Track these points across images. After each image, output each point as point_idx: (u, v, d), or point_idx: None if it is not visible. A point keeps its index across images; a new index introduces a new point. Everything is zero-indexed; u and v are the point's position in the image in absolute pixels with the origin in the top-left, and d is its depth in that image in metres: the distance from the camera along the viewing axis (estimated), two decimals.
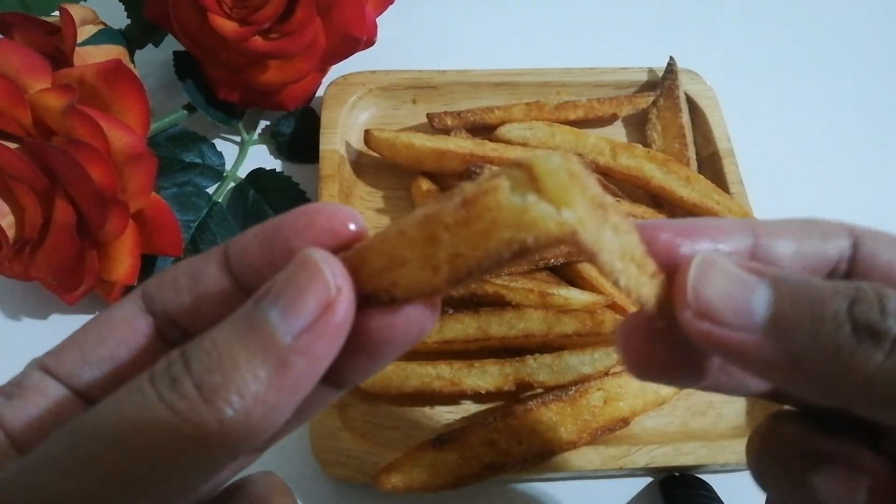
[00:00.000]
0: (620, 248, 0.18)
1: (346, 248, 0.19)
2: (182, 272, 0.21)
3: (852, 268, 0.22)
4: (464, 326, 0.43)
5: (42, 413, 0.19)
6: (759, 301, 0.19)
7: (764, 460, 0.24)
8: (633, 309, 0.41)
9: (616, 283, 0.19)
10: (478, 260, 0.17)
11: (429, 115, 0.52)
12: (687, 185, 0.48)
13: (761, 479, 0.24)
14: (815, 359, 0.19)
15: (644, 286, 0.20)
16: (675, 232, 0.22)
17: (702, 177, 0.49)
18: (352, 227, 0.19)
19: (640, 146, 0.50)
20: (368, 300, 0.19)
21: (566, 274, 0.47)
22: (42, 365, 0.20)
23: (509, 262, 0.17)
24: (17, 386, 0.20)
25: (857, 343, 0.18)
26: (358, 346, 0.19)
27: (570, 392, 0.41)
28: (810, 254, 0.22)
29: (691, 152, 0.52)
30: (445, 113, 0.52)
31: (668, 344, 0.21)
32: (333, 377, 0.19)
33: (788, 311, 0.19)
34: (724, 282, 0.20)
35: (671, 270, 0.21)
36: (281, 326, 0.17)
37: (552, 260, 0.45)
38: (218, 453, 0.17)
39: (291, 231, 0.20)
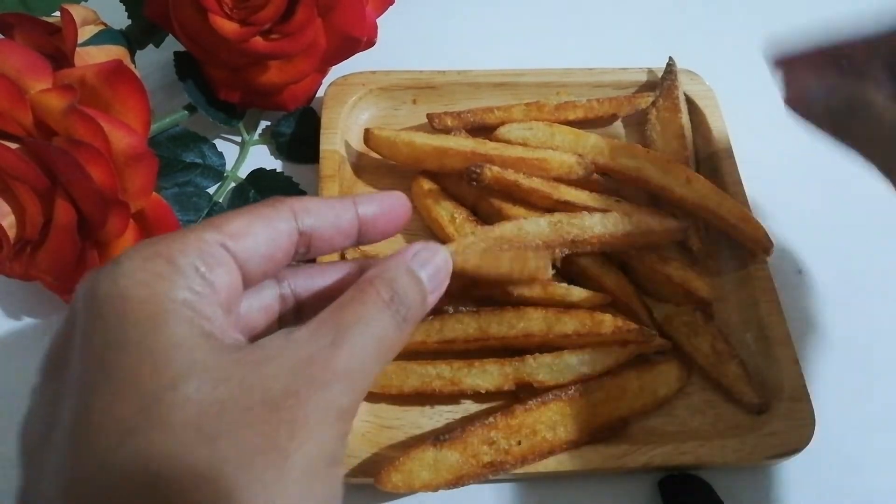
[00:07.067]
0: None
1: None
2: (327, 199, 0.30)
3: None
4: (464, 326, 0.43)
5: (232, 282, 0.25)
6: None
7: None
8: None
9: None
10: None
11: (429, 116, 0.52)
12: (687, 185, 0.48)
13: None
14: None
15: None
16: None
17: (702, 177, 0.49)
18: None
19: (640, 146, 0.50)
20: None
21: (566, 274, 0.47)
22: (223, 244, 0.25)
23: None
24: (210, 256, 0.24)
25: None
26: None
27: (569, 392, 0.41)
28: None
29: (691, 152, 0.52)
30: (445, 113, 0.52)
31: None
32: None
33: None
34: None
35: None
36: (428, 284, 0.29)
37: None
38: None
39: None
